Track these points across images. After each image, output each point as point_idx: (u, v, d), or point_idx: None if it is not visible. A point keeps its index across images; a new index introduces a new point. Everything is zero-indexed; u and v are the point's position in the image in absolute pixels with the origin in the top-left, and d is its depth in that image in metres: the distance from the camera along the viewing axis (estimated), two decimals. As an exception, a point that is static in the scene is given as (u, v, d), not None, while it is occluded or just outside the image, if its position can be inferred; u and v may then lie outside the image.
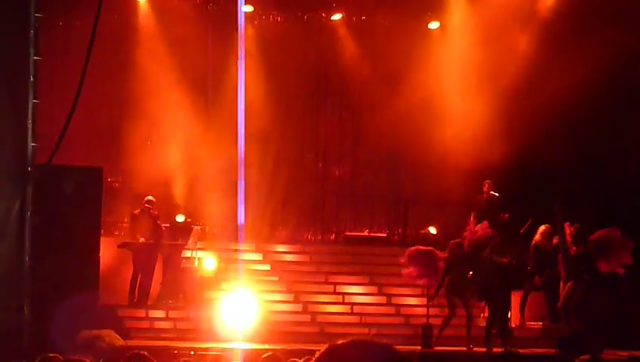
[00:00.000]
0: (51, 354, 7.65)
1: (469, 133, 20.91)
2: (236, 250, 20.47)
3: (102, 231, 18.03)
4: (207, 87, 22.16)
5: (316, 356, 2.62)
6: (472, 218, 20.60)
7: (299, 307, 20.03)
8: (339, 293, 20.68)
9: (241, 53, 16.37)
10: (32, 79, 15.83)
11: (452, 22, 23.33)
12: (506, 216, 20.40)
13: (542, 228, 19.50)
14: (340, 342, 2.63)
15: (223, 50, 21.69)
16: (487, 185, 21.00)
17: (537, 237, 19.50)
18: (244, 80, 15.85)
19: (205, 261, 20.04)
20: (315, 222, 23.79)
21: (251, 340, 16.93)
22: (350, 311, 20.24)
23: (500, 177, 21.16)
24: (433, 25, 23.78)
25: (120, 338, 16.16)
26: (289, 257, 21.96)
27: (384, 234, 23.74)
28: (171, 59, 21.99)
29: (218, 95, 21.29)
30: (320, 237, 23.85)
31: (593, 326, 17.71)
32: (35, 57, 15.92)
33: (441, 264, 18.20)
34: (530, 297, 19.79)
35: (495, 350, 17.02)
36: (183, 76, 21.83)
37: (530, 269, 19.46)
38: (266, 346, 15.31)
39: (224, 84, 20.72)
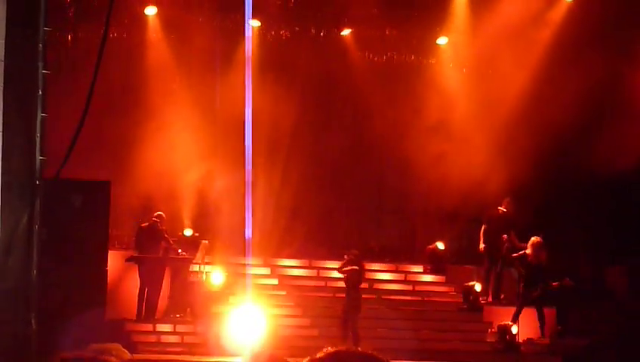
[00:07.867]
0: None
1: (479, 147, 20.91)
2: (244, 265, 20.45)
3: (109, 244, 18.04)
4: (215, 101, 22.18)
5: None
6: (482, 230, 20.73)
7: (307, 321, 20.01)
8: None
9: (249, 67, 16.37)
10: (40, 93, 15.83)
11: (459, 37, 23.33)
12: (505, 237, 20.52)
13: (533, 239, 19.44)
14: (319, 355, 2.58)
15: (231, 64, 21.73)
16: (504, 202, 21.02)
17: (528, 250, 19.50)
18: (251, 94, 15.84)
19: (213, 275, 20.04)
20: (323, 236, 23.74)
21: (259, 354, 16.88)
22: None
23: (510, 192, 21.18)
24: (442, 40, 23.80)
25: (127, 352, 16.16)
26: (297, 272, 21.93)
27: (392, 250, 23.70)
28: (179, 74, 22.06)
29: (226, 109, 21.31)
30: (328, 251, 23.79)
31: (599, 341, 17.67)
32: (44, 71, 15.93)
33: None
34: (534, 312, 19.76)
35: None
36: (191, 91, 21.90)
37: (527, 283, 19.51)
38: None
39: (232, 97, 20.73)
